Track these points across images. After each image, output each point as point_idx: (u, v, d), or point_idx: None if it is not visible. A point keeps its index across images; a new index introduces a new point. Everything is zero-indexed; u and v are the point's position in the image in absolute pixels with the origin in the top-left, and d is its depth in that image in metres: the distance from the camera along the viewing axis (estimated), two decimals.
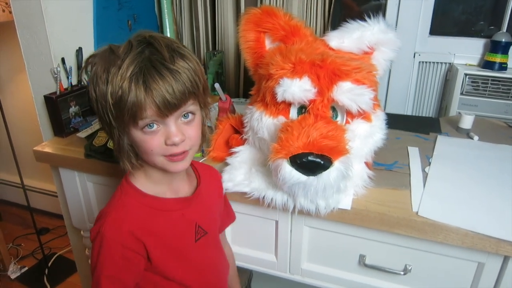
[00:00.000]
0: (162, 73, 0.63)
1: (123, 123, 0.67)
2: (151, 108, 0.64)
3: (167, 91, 0.63)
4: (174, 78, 0.64)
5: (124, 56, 0.65)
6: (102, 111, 0.67)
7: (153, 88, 0.63)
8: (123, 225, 0.70)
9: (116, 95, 0.63)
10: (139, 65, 0.63)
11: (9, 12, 1.72)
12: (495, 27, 1.42)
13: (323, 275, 0.99)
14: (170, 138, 0.67)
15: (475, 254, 0.81)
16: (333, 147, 0.74)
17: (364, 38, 0.91)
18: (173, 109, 0.66)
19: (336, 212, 0.84)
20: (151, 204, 0.75)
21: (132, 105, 0.63)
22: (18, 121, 2.30)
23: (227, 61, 1.61)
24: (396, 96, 1.52)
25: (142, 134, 0.68)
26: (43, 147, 1.18)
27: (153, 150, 0.68)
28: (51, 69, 1.23)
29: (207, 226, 0.83)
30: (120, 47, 0.67)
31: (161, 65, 0.64)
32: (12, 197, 2.61)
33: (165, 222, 0.75)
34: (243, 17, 0.96)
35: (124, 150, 0.72)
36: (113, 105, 0.65)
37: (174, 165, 0.71)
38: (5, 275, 2.06)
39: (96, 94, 0.67)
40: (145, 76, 0.63)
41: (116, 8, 1.42)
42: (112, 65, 0.65)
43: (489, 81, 1.32)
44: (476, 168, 0.99)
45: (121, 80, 0.63)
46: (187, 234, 0.79)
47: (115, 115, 0.66)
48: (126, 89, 0.63)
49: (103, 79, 0.65)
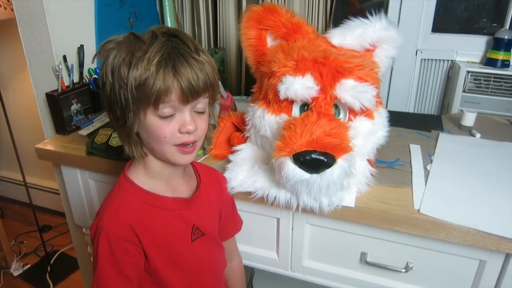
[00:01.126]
0: (189, 61, 0.67)
1: (143, 106, 0.67)
2: (176, 92, 0.66)
3: (193, 77, 0.66)
4: (199, 68, 0.68)
5: (150, 42, 0.67)
6: (118, 94, 0.67)
7: (181, 73, 0.65)
8: (121, 218, 0.70)
9: (141, 78, 0.65)
10: (167, 51, 0.66)
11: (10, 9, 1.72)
12: (497, 24, 1.41)
13: (325, 272, 0.99)
14: (185, 126, 0.69)
15: (477, 251, 0.82)
16: (336, 145, 0.74)
17: (366, 35, 0.90)
18: (195, 96, 0.68)
19: (337, 209, 0.84)
20: (149, 201, 0.74)
21: (158, 88, 0.65)
22: (20, 119, 2.30)
23: (229, 59, 1.61)
24: (398, 94, 1.51)
25: (158, 120, 0.68)
26: (45, 144, 1.18)
27: (166, 137, 0.69)
28: (52, 66, 1.23)
29: (205, 228, 0.82)
30: (143, 35, 0.69)
31: (188, 55, 0.67)
32: (15, 195, 2.62)
33: (162, 220, 0.75)
34: (245, 15, 0.96)
35: (132, 134, 0.72)
36: (136, 87, 0.65)
37: (183, 157, 0.73)
38: (7, 272, 2.07)
39: (114, 76, 0.67)
40: (175, 61, 0.65)
41: (118, 5, 1.42)
42: (137, 49, 0.66)
43: (491, 78, 1.32)
44: (478, 166, 0.98)
45: (148, 64, 0.64)
46: (184, 234, 0.79)
47: (136, 98, 0.66)
48: (154, 73, 0.64)
49: (126, 61, 0.66)
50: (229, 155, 0.97)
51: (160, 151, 0.72)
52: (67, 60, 1.25)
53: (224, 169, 0.92)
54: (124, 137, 0.74)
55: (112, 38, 0.70)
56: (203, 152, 1.06)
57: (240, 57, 1.59)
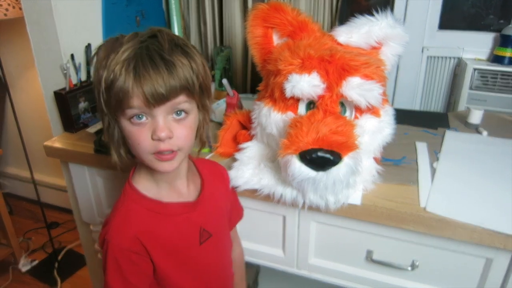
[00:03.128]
0: (155, 62, 0.62)
1: (113, 110, 0.66)
2: (139, 97, 0.62)
3: (157, 81, 0.61)
4: (167, 70, 0.62)
5: (126, 42, 0.65)
6: (97, 97, 0.67)
7: (142, 75, 0.61)
8: (127, 231, 0.70)
9: (108, 80, 0.62)
10: (134, 51, 0.62)
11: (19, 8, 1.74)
12: (505, 21, 1.40)
13: (330, 270, 1.00)
14: (156, 132, 0.64)
15: (483, 249, 0.81)
16: (342, 143, 0.74)
17: (372, 33, 0.90)
18: (161, 101, 0.63)
19: (343, 207, 0.84)
20: (155, 208, 0.74)
21: (119, 90, 0.62)
22: (28, 117, 2.32)
23: (235, 57, 1.62)
24: (404, 91, 1.51)
25: (130, 125, 0.66)
26: (53, 142, 1.20)
27: (140, 144, 0.66)
28: (60, 65, 1.24)
29: (212, 228, 0.81)
30: (125, 36, 0.67)
31: (157, 55, 0.63)
32: (23, 192, 2.65)
33: (169, 227, 0.74)
34: (251, 13, 0.96)
35: (114, 139, 0.71)
36: (105, 90, 0.64)
37: (161, 164, 0.69)
38: (16, 268, 2.10)
39: (95, 79, 0.67)
40: (137, 62, 0.61)
41: (124, 4, 1.43)
42: (113, 51, 0.64)
43: (498, 75, 1.31)
44: (485, 164, 0.98)
45: (115, 64, 0.62)
46: (192, 237, 0.78)
47: (105, 101, 0.65)
48: (117, 73, 0.61)
49: (103, 64, 0.65)
50: (235, 153, 0.97)
51: (140, 158, 0.69)
52: (75, 58, 1.26)
53: (230, 167, 0.93)
54: (106, 139, 0.72)
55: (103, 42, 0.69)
56: (209, 150, 1.07)
57: (246, 55, 1.60)
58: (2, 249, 2.08)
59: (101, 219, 1.27)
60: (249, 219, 1.01)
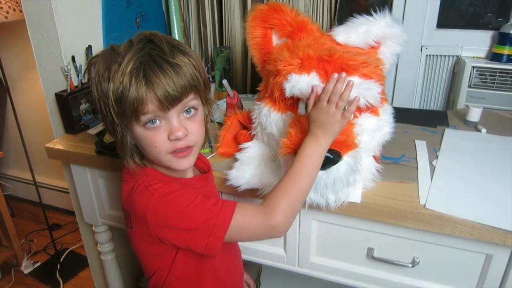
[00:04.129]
0: (162, 67, 0.64)
1: (126, 120, 0.67)
2: (153, 102, 0.64)
3: (168, 84, 0.64)
4: (174, 71, 0.65)
5: (124, 53, 0.66)
6: (104, 109, 0.68)
7: (153, 81, 0.63)
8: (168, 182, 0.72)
9: (117, 91, 0.64)
10: (139, 59, 0.64)
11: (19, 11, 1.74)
12: (503, 19, 1.41)
13: (332, 268, 1.00)
14: (173, 133, 0.67)
15: (483, 246, 0.82)
16: (342, 142, 0.75)
17: (370, 32, 0.91)
18: (175, 102, 0.66)
19: (344, 205, 0.85)
20: (176, 181, 0.75)
21: (133, 100, 0.63)
22: (29, 119, 2.33)
23: (235, 57, 1.62)
24: (404, 90, 1.51)
25: (145, 131, 0.68)
26: (54, 144, 1.20)
27: (157, 146, 0.68)
28: (61, 67, 1.25)
29: None
30: (121, 46, 0.68)
31: (161, 59, 0.65)
32: (24, 194, 2.65)
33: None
34: (250, 14, 0.97)
35: (127, 148, 0.72)
36: (115, 102, 0.65)
37: (180, 162, 0.71)
38: (18, 270, 2.10)
39: (98, 92, 0.68)
40: (146, 70, 0.63)
41: (125, 5, 1.44)
42: (113, 62, 0.65)
43: (497, 73, 1.32)
44: (484, 161, 0.99)
45: (121, 76, 0.63)
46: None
47: (117, 112, 0.66)
48: (127, 84, 0.63)
49: (105, 77, 0.66)
50: (236, 153, 0.98)
51: (157, 160, 0.72)
52: (76, 60, 1.27)
53: (231, 168, 0.94)
54: (119, 150, 0.74)
55: (97, 53, 0.70)
56: (210, 150, 1.07)
57: (245, 56, 1.60)
58: (4, 251, 2.08)
59: (103, 220, 1.28)
60: None
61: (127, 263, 1.50)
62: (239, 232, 0.69)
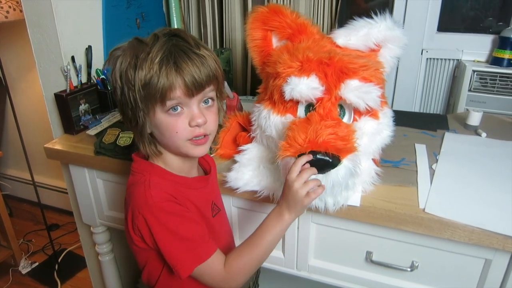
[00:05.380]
0: (190, 56, 0.70)
1: (151, 105, 0.70)
2: (180, 87, 0.69)
3: (195, 71, 0.69)
4: (200, 61, 0.71)
5: (152, 44, 0.70)
6: (128, 95, 0.71)
7: (183, 68, 0.68)
8: (161, 192, 0.74)
9: (146, 77, 0.68)
10: (168, 49, 0.69)
11: (19, 11, 1.74)
12: (503, 23, 1.41)
13: (330, 271, 1.00)
14: (194, 119, 0.72)
15: (482, 250, 0.82)
16: (341, 145, 0.75)
17: (371, 35, 0.91)
18: (200, 89, 0.71)
19: (343, 209, 0.85)
20: (179, 180, 0.79)
21: (162, 85, 0.68)
22: (28, 119, 2.33)
23: (235, 59, 1.62)
24: (404, 93, 1.51)
25: (167, 117, 0.72)
26: (53, 144, 1.20)
27: (178, 132, 0.72)
28: (61, 67, 1.24)
29: (220, 204, 0.91)
30: (146, 38, 0.73)
31: (189, 50, 0.70)
32: (23, 194, 2.65)
33: (191, 198, 0.79)
34: (250, 16, 0.97)
35: (145, 134, 0.75)
36: (142, 87, 0.69)
37: (197, 149, 0.76)
38: (16, 270, 2.10)
39: (123, 80, 0.71)
40: (175, 58, 0.69)
41: (125, 6, 1.44)
42: (140, 51, 0.70)
43: (497, 77, 1.32)
44: (484, 165, 0.99)
45: (151, 63, 0.68)
46: (207, 210, 0.85)
47: (143, 97, 0.70)
48: (157, 70, 0.68)
49: (132, 64, 0.70)
50: (235, 155, 0.98)
51: (174, 146, 0.75)
52: (75, 60, 1.27)
53: (230, 169, 0.93)
54: (138, 137, 0.77)
55: (119, 45, 0.74)
56: (210, 152, 1.07)
57: (245, 58, 1.60)
58: (2, 251, 2.08)
59: (101, 221, 1.28)
60: (248, 220, 1.02)
61: (125, 264, 1.50)
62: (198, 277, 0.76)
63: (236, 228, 1.06)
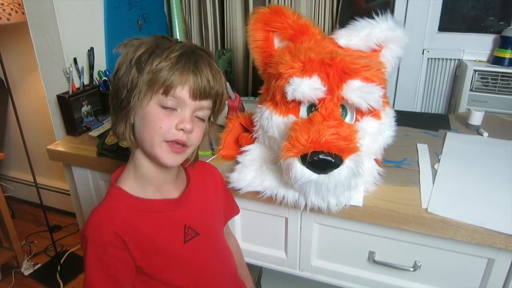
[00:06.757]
0: (209, 65, 0.72)
1: (148, 92, 0.69)
2: (190, 86, 0.69)
3: (209, 78, 0.71)
4: (215, 73, 0.73)
5: (176, 42, 0.72)
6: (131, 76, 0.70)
7: (201, 70, 0.70)
8: (107, 226, 0.71)
9: (159, 65, 0.68)
10: (191, 50, 0.72)
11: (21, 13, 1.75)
12: (504, 23, 1.41)
13: (333, 271, 1.00)
14: (183, 123, 0.70)
15: (485, 250, 0.82)
16: (343, 145, 0.75)
17: (372, 35, 0.91)
18: (204, 97, 0.72)
19: (345, 209, 0.85)
20: (137, 206, 0.75)
21: (173, 79, 0.68)
22: (30, 120, 2.33)
23: (236, 60, 1.62)
24: (405, 93, 1.51)
25: (159, 109, 0.70)
26: (56, 145, 1.20)
27: (161, 127, 0.70)
28: (63, 69, 1.25)
29: (200, 227, 0.82)
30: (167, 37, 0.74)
31: (210, 59, 0.74)
32: (25, 195, 2.65)
33: (152, 224, 0.75)
34: (252, 17, 0.97)
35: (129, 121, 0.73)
36: (151, 72, 0.68)
37: (169, 155, 0.72)
38: (18, 271, 2.10)
39: (133, 62, 0.70)
40: (197, 58, 0.71)
41: (127, 8, 1.44)
42: (163, 44, 0.71)
43: (498, 77, 1.32)
44: (486, 165, 0.99)
45: (170, 53, 0.69)
46: (176, 235, 0.78)
47: (146, 81, 0.69)
48: (174, 62, 0.68)
49: (150, 50, 0.70)
50: (237, 155, 0.98)
51: (150, 142, 0.71)
52: (78, 62, 1.27)
53: (233, 170, 0.93)
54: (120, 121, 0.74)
55: (139, 37, 0.74)
56: (212, 152, 1.07)
57: (247, 58, 1.60)
58: (4, 252, 2.08)
59: None
60: (251, 221, 1.02)
61: None
62: None
63: (239, 229, 1.06)
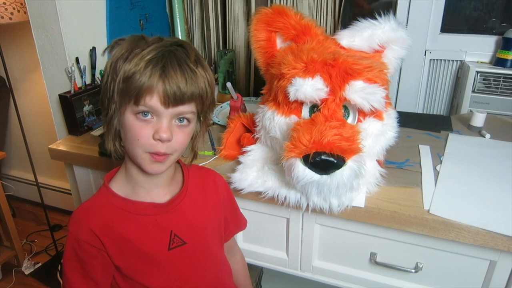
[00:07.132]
0: (182, 67, 0.66)
1: (125, 101, 0.67)
2: (158, 94, 0.65)
3: (180, 82, 0.66)
4: (190, 77, 0.67)
5: (151, 43, 0.68)
6: (109, 85, 0.68)
7: (169, 75, 0.65)
8: (85, 223, 0.71)
9: (130, 72, 0.65)
10: (162, 53, 0.66)
11: (23, 12, 1.75)
12: (507, 24, 1.41)
13: (334, 272, 1.00)
14: (159, 132, 0.67)
15: (487, 252, 0.82)
16: (346, 146, 0.75)
17: (374, 36, 0.91)
18: (177, 103, 0.67)
19: (347, 210, 0.85)
20: (123, 206, 0.73)
21: (142, 84, 0.64)
22: (32, 120, 2.33)
23: (238, 60, 1.62)
24: (407, 94, 1.51)
25: (134, 119, 0.67)
26: (57, 145, 1.21)
27: (139, 139, 0.67)
28: (65, 68, 1.25)
29: (187, 235, 0.78)
30: (150, 38, 0.71)
31: (184, 62, 0.67)
32: (26, 194, 2.65)
33: (135, 226, 0.73)
34: (254, 17, 0.97)
35: (112, 129, 0.72)
36: (123, 80, 0.66)
37: (153, 165, 0.70)
38: (19, 270, 2.10)
39: (111, 68, 0.69)
40: (165, 63, 0.65)
41: (129, 8, 1.44)
42: (136, 47, 0.67)
43: (501, 78, 1.31)
44: (488, 166, 0.98)
45: (140, 60, 0.65)
46: (160, 241, 0.75)
47: (121, 90, 0.67)
48: (142, 68, 0.65)
49: (124, 56, 0.67)
50: (239, 156, 0.98)
51: (132, 152, 0.70)
52: (80, 62, 1.27)
53: (234, 170, 0.93)
54: (106, 130, 0.74)
55: (123, 37, 0.72)
56: (213, 153, 1.07)
57: (249, 59, 1.60)
58: (5, 251, 2.08)
59: None
60: (253, 221, 1.02)
61: None
62: None
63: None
